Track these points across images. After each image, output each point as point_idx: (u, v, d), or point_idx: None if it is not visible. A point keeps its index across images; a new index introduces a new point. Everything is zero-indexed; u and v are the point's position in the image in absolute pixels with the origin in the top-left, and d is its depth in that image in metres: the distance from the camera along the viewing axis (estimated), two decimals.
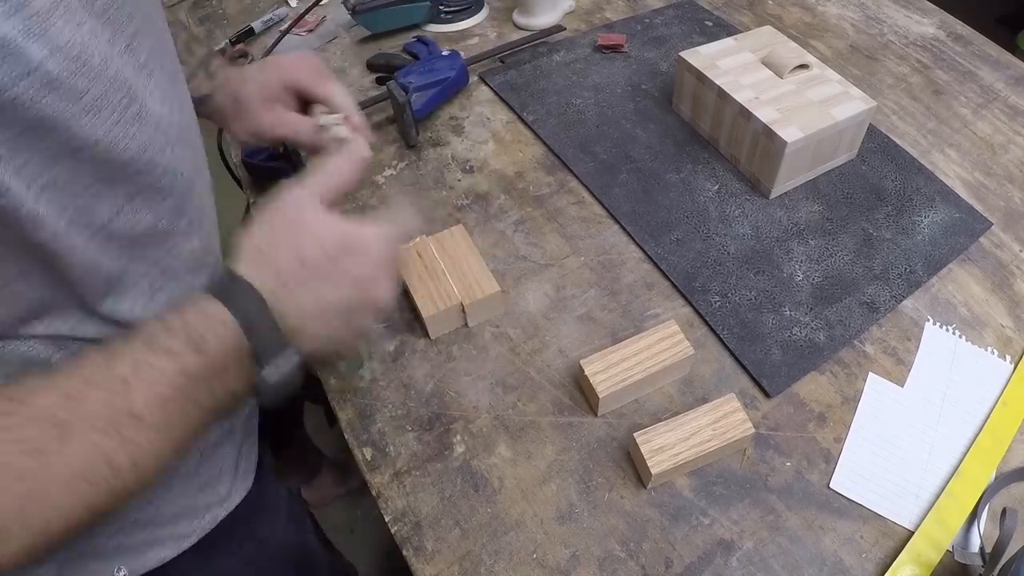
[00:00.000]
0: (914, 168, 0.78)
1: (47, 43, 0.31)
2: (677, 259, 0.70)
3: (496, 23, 1.01)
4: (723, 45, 0.80)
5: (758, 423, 0.58)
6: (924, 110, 0.86)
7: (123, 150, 0.38)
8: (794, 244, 0.71)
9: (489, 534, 0.52)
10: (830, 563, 0.51)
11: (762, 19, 1.00)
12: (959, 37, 0.97)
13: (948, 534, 0.52)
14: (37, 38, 0.31)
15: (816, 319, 0.64)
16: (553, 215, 0.74)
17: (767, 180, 0.74)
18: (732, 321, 0.64)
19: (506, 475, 0.55)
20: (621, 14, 1.02)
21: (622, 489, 0.55)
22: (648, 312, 0.66)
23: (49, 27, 0.31)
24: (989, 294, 0.67)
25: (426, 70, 0.85)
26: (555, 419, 0.58)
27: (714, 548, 0.51)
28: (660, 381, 0.60)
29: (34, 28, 0.31)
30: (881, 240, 0.71)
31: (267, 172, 0.78)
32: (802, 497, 0.54)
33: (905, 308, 0.66)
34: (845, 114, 0.71)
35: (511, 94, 0.88)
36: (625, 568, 0.51)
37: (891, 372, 0.61)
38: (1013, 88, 0.89)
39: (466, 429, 0.58)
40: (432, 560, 0.51)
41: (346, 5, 0.94)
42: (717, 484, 0.55)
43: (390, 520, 0.53)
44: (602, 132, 0.83)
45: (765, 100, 0.73)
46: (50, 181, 0.35)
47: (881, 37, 0.97)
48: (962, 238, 0.71)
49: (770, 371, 0.61)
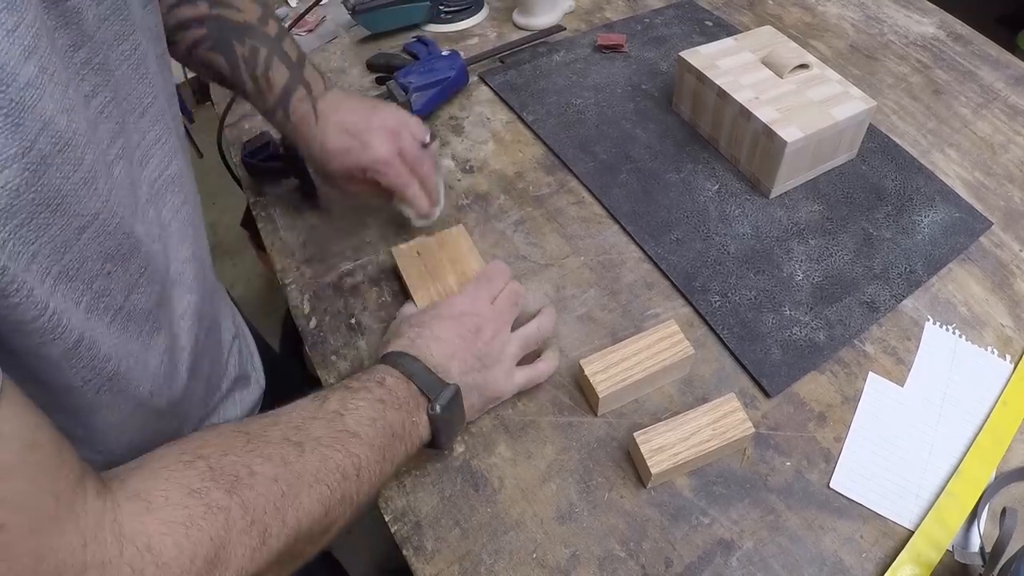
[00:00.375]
0: (914, 168, 0.78)
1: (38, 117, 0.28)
2: (677, 259, 0.70)
3: (496, 23, 1.01)
4: (723, 45, 0.80)
5: (758, 423, 0.58)
6: (924, 110, 0.86)
7: (122, 220, 0.35)
8: (794, 244, 0.71)
9: (489, 534, 0.52)
10: (830, 563, 0.51)
11: (762, 19, 1.00)
12: (959, 37, 0.97)
13: (948, 534, 0.52)
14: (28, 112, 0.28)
15: (816, 319, 0.64)
16: (553, 215, 0.74)
17: (767, 180, 0.74)
18: (732, 321, 0.64)
19: (506, 475, 0.55)
20: (621, 14, 1.02)
21: (622, 489, 0.54)
22: (648, 312, 0.66)
23: (39, 99, 0.28)
24: (989, 294, 0.67)
25: (426, 70, 0.85)
26: (555, 419, 0.58)
27: (714, 548, 0.51)
28: (660, 381, 0.60)
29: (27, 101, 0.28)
30: (881, 240, 0.71)
31: (267, 172, 0.78)
32: (802, 497, 0.54)
33: (905, 308, 0.66)
34: (845, 114, 0.71)
35: (511, 94, 0.88)
36: (625, 568, 0.51)
37: (891, 372, 0.61)
38: (1013, 88, 0.89)
39: (466, 429, 0.58)
40: (432, 560, 0.51)
41: (346, 5, 0.94)
42: (717, 484, 0.55)
43: (390, 520, 0.53)
44: (602, 132, 0.83)
45: (765, 100, 0.73)
46: (62, 271, 0.32)
47: (881, 37, 0.97)
48: (962, 238, 0.71)
49: (770, 371, 0.61)
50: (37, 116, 0.28)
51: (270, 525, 0.37)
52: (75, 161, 0.31)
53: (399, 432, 0.48)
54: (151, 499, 0.34)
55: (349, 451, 0.43)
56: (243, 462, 0.38)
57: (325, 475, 0.41)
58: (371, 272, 0.70)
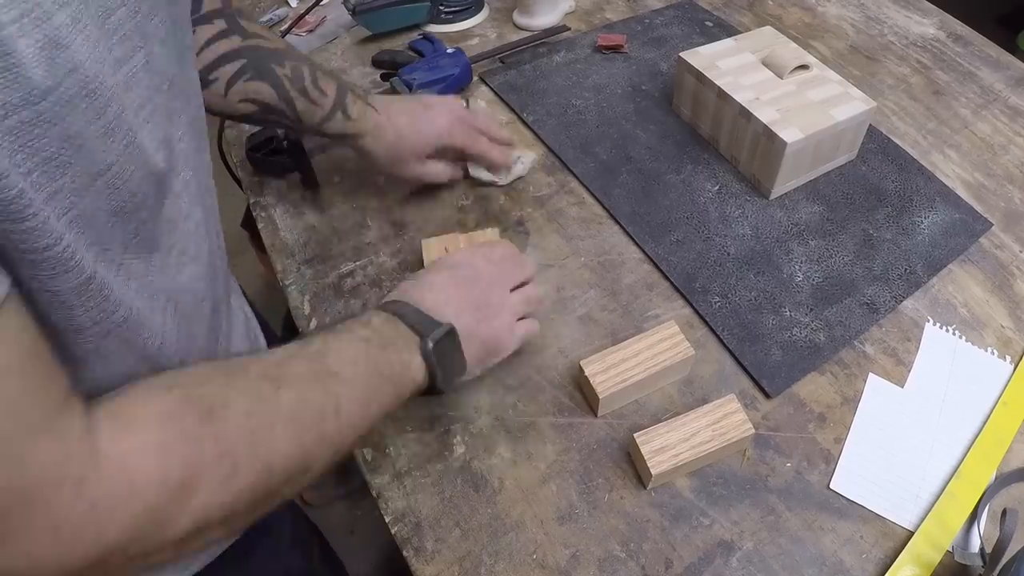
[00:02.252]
0: (914, 168, 0.78)
1: (68, 60, 0.30)
2: (677, 260, 0.70)
3: (496, 23, 1.01)
4: (723, 45, 0.80)
5: (758, 424, 0.58)
6: (924, 110, 0.86)
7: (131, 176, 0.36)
8: (794, 245, 0.71)
9: (489, 534, 0.52)
10: (830, 563, 0.51)
11: (762, 19, 1.00)
12: (959, 37, 0.97)
13: (948, 534, 0.52)
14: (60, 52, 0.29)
15: (816, 320, 0.64)
16: (553, 215, 0.74)
17: (767, 181, 0.74)
18: (732, 322, 0.64)
19: (506, 476, 0.55)
20: (621, 14, 1.02)
21: (622, 490, 0.55)
22: (648, 313, 0.66)
23: (70, 43, 0.30)
24: (989, 294, 0.67)
25: (430, 67, 0.85)
26: (555, 420, 0.58)
27: (714, 549, 0.51)
28: (660, 382, 0.60)
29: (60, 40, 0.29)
30: (881, 241, 0.71)
31: (270, 166, 0.79)
32: (802, 498, 0.54)
33: (905, 309, 0.66)
34: (845, 115, 0.71)
35: (511, 94, 0.88)
36: (625, 568, 0.51)
37: (891, 373, 0.61)
38: (1013, 88, 0.89)
39: (466, 430, 0.58)
40: (432, 561, 0.51)
41: (346, 5, 0.94)
42: (717, 485, 0.55)
43: (390, 521, 0.53)
44: (602, 133, 0.83)
45: (765, 101, 0.73)
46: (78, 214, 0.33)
47: (881, 38, 0.97)
48: (962, 238, 0.71)
49: (770, 371, 0.61)
50: (69, 57, 0.30)
51: (241, 457, 0.37)
52: (98, 109, 0.32)
53: (386, 372, 0.47)
54: (129, 420, 0.35)
55: (328, 390, 0.43)
56: (219, 394, 0.38)
57: (301, 412, 0.41)
58: (371, 273, 0.70)
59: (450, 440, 0.57)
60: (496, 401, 0.60)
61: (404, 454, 0.57)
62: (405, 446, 0.57)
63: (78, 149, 0.31)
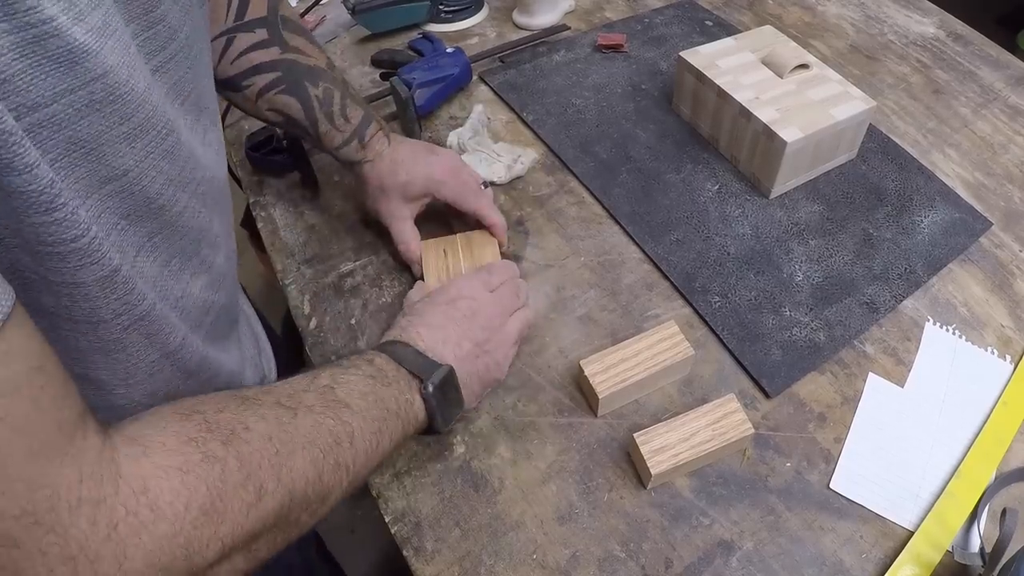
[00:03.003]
0: (914, 168, 0.78)
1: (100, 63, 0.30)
2: (677, 259, 0.69)
3: (496, 23, 1.01)
4: (723, 45, 0.80)
5: (758, 423, 0.58)
6: (924, 110, 0.86)
7: (149, 183, 0.36)
8: (794, 244, 0.71)
9: (489, 534, 0.52)
10: (830, 563, 0.51)
11: (762, 19, 1.00)
12: (959, 37, 0.97)
13: (948, 534, 0.52)
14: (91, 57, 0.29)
15: (816, 319, 0.64)
16: (553, 215, 0.74)
17: (767, 180, 0.74)
18: (732, 321, 0.64)
19: (506, 475, 0.55)
20: (621, 14, 1.02)
21: (622, 490, 0.55)
22: (648, 312, 0.66)
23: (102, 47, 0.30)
24: (989, 294, 0.67)
25: (430, 66, 0.85)
26: (555, 420, 0.58)
27: (714, 548, 0.51)
28: (660, 381, 0.60)
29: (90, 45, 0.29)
30: (881, 240, 0.71)
31: (270, 165, 0.79)
32: (802, 497, 0.54)
33: (905, 308, 0.66)
34: (845, 114, 0.71)
35: (511, 94, 0.88)
36: (625, 568, 0.51)
37: (891, 372, 0.61)
38: (1013, 88, 0.89)
39: (466, 429, 0.58)
40: (432, 560, 0.51)
41: (346, 5, 0.94)
42: (717, 485, 0.55)
43: (390, 520, 0.53)
44: (602, 132, 0.83)
45: (765, 100, 0.73)
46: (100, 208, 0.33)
47: (881, 37, 0.97)
48: (962, 238, 0.71)
49: (770, 371, 0.61)
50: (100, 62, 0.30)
51: (265, 481, 0.37)
52: (123, 115, 0.32)
53: (393, 407, 0.48)
54: (148, 444, 0.33)
55: (341, 419, 0.43)
56: (238, 419, 0.38)
57: (318, 438, 0.41)
58: (371, 273, 0.70)
59: (450, 440, 0.57)
60: (496, 401, 0.60)
61: (404, 454, 0.57)
62: (405, 446, 0.57)
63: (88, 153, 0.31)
